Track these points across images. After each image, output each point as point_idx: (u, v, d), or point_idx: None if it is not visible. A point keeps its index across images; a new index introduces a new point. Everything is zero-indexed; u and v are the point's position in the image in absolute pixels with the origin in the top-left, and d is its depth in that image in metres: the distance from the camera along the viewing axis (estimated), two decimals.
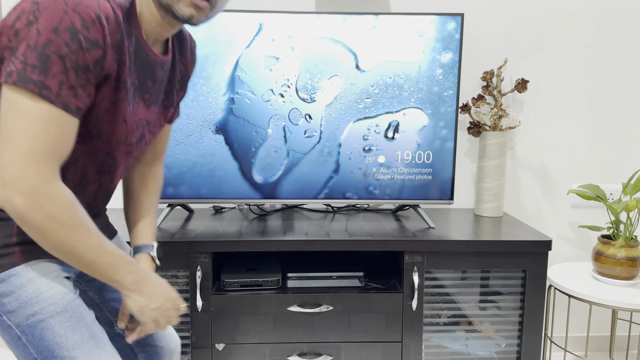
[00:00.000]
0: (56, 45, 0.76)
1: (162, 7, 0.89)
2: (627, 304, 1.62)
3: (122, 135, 0.94)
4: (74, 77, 0.79)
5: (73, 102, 0.80)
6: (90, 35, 0.79)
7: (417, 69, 1.72)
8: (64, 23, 0.76)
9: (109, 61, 0.83)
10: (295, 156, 1.75)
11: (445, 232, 1.69)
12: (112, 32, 0.82)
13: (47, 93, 0.77)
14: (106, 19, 0.81)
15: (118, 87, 0.88)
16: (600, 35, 2.04)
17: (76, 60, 0.78)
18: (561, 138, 2.10)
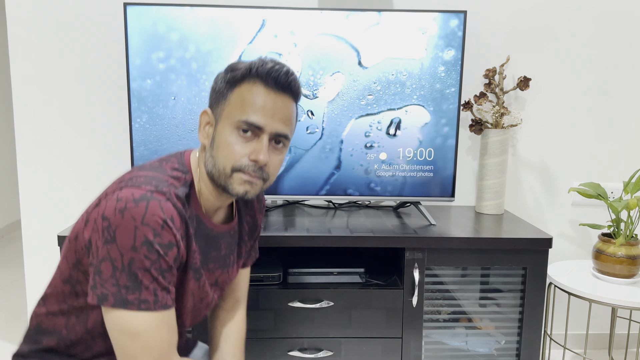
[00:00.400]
0: (139, 261, 0.83)
1: (219, 187, 0.95)
2: (626, 302, 1.63)
3: (189, 306, 1.00)
4: (163, 280, 0.86)
5: (169, 298, 0.88)
6: (164, 240, 0.85)
7: (419, 66, 1.72)
8: (139, 239, 0.82)
9: (182, 253, 0.90)
10: (297, 152, 1.75)
11: (446, 229, 1.69)
12: (178, 228, 0.88)
13: (146, 306, 0.84)
14: (172, 220, 0.86)
15: (186, 270, 0.95)
16: (602, 33, 2.04)
17: (159, 267, 0.85)
18: (563, 136, 2.11)
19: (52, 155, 2.02)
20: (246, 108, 0.91)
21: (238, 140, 0.91)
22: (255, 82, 0.92)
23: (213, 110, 0.96)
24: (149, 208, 0.83)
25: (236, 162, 0.91)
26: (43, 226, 2.05)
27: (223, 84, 0.95)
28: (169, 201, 0.87)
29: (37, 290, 2.08)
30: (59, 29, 1.95)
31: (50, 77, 1.97)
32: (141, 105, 1.71)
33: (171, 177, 0.92)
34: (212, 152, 0.94)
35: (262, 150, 0.91)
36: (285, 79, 0.92)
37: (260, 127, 0.91)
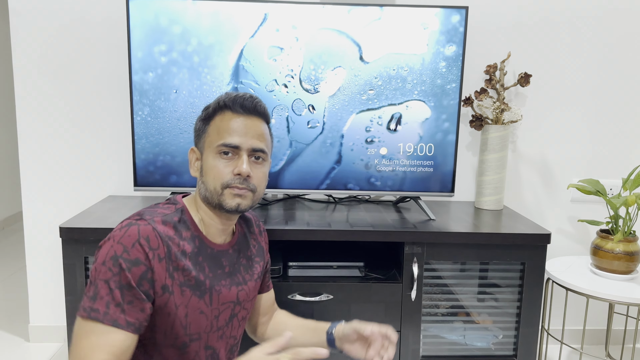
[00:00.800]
0: (102, 272, 0.90)
1: (215, 207, 1.05)
2: (624, 298, 1.64)
3: (207, 325, 1.05)
4: (119, 296, 0.90)
5: (122, 317, 0.90)
6: (131, 256, 0.92)
7: (420, 61, 1.73)
8: (109, 254, 0.91)
9: (158, 272, 0.95)
10: (298, 146, 1.76)
11: (446, 224, 1.70)
12: (155, 248, 0.95)
13: (95, 315, 0.89)
14: (146, 239, 0.94)
15: (183, 290, 1.00)
16: (604, 31, 2.04)
17: (119, 281, 0.90)
18: (563, 133, 2.11)
19: (53, 147, 2.02)
20: (222, 134, 1.04)
21: (221, 162, 1.03)
22: (225, 112, 1.06)
23: (198, 147, 1.10)
24: (128, 231, 0.94)
25: (223, 179, 1.03)
26: (44, 217, 2.06)
27: (200, 123, 1.09)
28: (149, 225, 0.96)
29: (38, 282, 2.10)
30: (61, 22, 1.95)
31: (52, 70, 1.98)
32: (143, 98, 1.71)
33: (161, 209, 1.03)
34: (203, 179, 1.06)
35: (243, 164, 1.03)
36: (250, 103, 1.06)
37: (236, 145, 1.03)
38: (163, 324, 0.99)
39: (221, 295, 1.08)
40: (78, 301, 1.58)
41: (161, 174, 1.76)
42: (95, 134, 2.03)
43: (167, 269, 0.97)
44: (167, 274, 0.97)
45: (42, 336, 2.13)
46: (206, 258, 1.06)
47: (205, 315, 1.04)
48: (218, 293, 1.07)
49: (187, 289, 1.01)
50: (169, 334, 1.01)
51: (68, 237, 1.55)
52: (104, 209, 1.79)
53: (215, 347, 1.08)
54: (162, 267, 0.96)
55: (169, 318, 0.99)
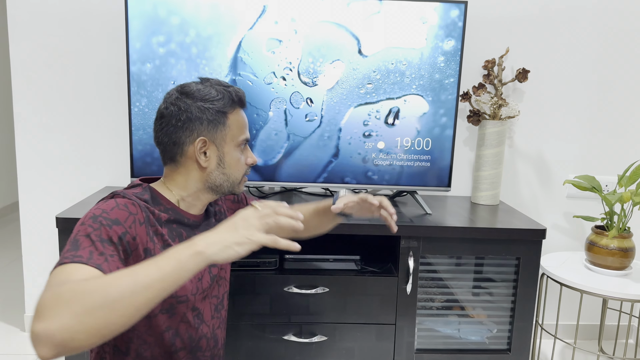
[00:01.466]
0: (83, 230, 0.90)
1: (217, 193, 1.12)
2: (617, 294, 1.65)
3: (192, 288, 1.07)
4: (101, 247, 0.88)
5: (105, 264, 0.85)
6: (111, 216, 0.93)
7: (419, 55, 1.73)
8: (87, 216, 0.92)
9: (140, 235, 0.97)
10: (295, 139, 1.76)
11: (442, 218, 1.71)
12: (134, 213, 0.97)
13: (78, 259, 0.84)
14: (124, 206, 0.96)
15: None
16: (602, 28, 2.05)
17: (99, 235, 0.89)
18: (559, 129, 2.12)
19: (50, 138, 2.02)
20: (242, 129, 1.12)
21: (240, 155, 1.12)
22: (236, 107, 1.11)
23: (209, 137, 1.08)
24: (105, 203, 0.97)
25: (244, 169, 1.14)
26: (41, 208, 2.06)
27: (214, 114, 1.08)
28: (125, 197, 1.00)
29: (34, 272, 2.10)
30: (59, 12, 1.94)
31: (49, 60, 1.97)
32: (140, 89, 1.71)
33: (129, 190, 1.06)
34: (224, 170, 1.10)
35: (253, 155, 1.16)
36: (244, 97, 1.14)
37: (249, 139, 1.16)
38: None
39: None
40: None
41: (158, 164, 1.75)
42: (92, 124, 2.03)
43: (148, 232, 0.99)
44: (148, 237, 0.98)
45: None
46: (181, 226, 1.08)
47: (190, 279, 1.06)
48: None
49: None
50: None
51: (64, 228, 1.55)
52: None
53: (200, 308, 1.11)
54: (143, 230, 0.97)
55: None
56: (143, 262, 0.80)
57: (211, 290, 1.15)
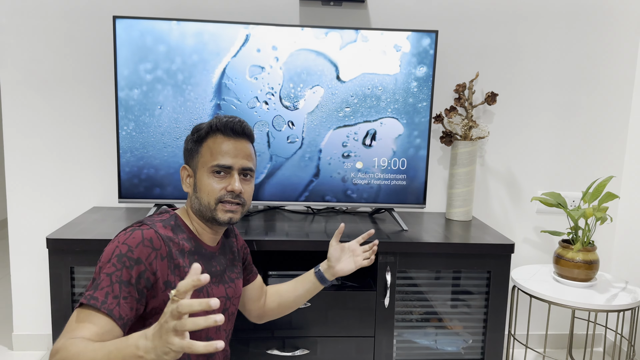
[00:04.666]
0: (107, 268, 1.00)
1: (208, 220, 1.17)
2: (583, 304, 1.75)
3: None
4: (118, 289, 0.99)
5: (116, 309, 0.98)
6: (135, 255, 1.02)
7: (394, 81, 1.83)
8: (115, 253, 1.02)
9: (160, 269, 1.05)
10: (278, 160, 1.84)
11: (418, 234, 1.80)
12: (157, 248, 1.05)
13: (94, 302, 0.96)
14: (150, 240, 1.05)
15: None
16: (565, 52, 2.18)
17: (120, 276, 0.99)
18: (528, 148, 2.24)
19: (40, 159, 2.07)
20: (215, 155, 1.16)
21: (214, 180, 1.16)
22: (217, 135, 1.17)
23: (190, 165, 1.20)
24: (132, 234, 1.05)
25: (216, 195, 1.15)
26: (30, 228, 2.10)
27: (192, 143, 1.19)
28: (151, 229, 1.07)
29: (23, 291, 2.13)
30: (49, 39, 2.01)
31: (39, 85, 2.03)
32: (128, 114, 1.78)
33: (157, 217, 1.16)
34: (197, 194, 1.17)
35: (235, 182, 1.16)
36: (239, 126, 1.17)
37: (229, 166, 1.16)
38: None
39: (214, 292, 1.19)
40: (64, 310, 1.64)
41: (145, 186, 1.82)
42: (81, 146, 2.09)
43: (169, 266, 1.07)
44: (169, 271, 1.07)
45: (25, 345, 2.16)
46: (201, 257, 1.17)
47: (204, 312, 1.12)
48: (211, 290, 1.18)
49: None
50: None
51: (55, 248, 1.60)
52: (90, 220, 1.85)
53: (212, 337, 1.19)
54: (164, 264, 1.06)
55: None
56: (109, 344, 0.87)
57: (223, 325, 1.23)
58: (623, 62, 2.21)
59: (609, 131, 2.26)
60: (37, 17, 1.99)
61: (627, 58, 2.21)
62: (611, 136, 2.26)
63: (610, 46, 2.19)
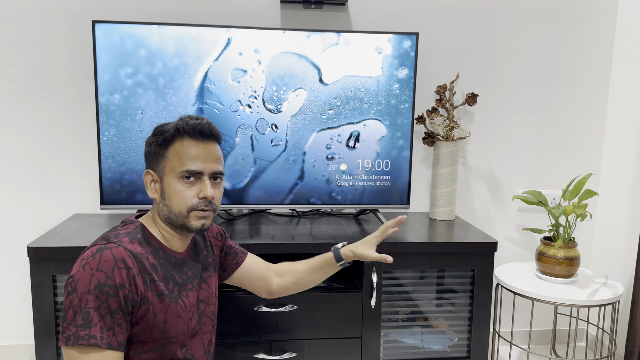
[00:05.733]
0: (91, 301, 0.97)
1: (178, 227, 1.13)
2: (566, 300, 1.78)
3: (183, 327, 1.13)
4: (110, 321, 0.98)
5: (114, 340, 0.99)
6: (115, 281, 0.99)
7: (376, 83, 1.85)
8: (92, 283, 0.98)
9: (139, 287, 1.03)
10: (262, 164, 1.84)
11: (402, 234, 1.82)
12: (130, 266, 1.02)
13: (94, 341, 0.96)
14: (122, 261, 1.01)
15: (162, 298, 1.08)
16: (542, 52, 2.23)
17: (107, 307, 0.98)
18: (508, 147, 2.28)
19: (17, 166, 2.04)
20: (184, 160, 1.09)
21: (184, 187, 1.10)
22: (184, 138, 1.10)
23: (154, 169, 1.14)
24: (102, 257, 1.00)
25: (188, 203, 1.10)
26: (9, 236, 2.06)
27: (156, 147, 1.13)
28: (120, 247, 1.03)
29: (3, 301, 2.09)
30: (25, 43, 1.98)
31: (17, 91, 2.00)
32: (109, 119, 1.76)
33: (121, 230, 1.10)
34: (165, 202, 1.12)
35: (207, 188, 1.11)
36: (207, 129, 1.11)
37: (199, 171, 1.10)
38: (142, 333, 1.06)
39: (189, 299, 1.16)
40: (46, 319, 1.61)
41: (127, 192, 1.80)
42: (60, 153, 2.05)
43: (144, 282, 1.05)
44: (145, 286, 1.05)
45: (6, 356, 2.12)
46: (172, 267, 1.14)
47: (182, 319, 1.12)
48: (187, 297, 1.16)
49: (165, 297, 1.08)
50: (147, 341, 1.07)
51: (36, 257, 1.58)
52: (71, 228, 1.82)
53: (188, 345, 1.16)
54: (140, 280, 1.03)
55: (147, 326, 1.06)
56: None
57: (201, 327, 1.20)
58: (599, 60, 2.26)
59: (587, 129, 2.30)
60: (13, 21, 1.96)
61: (602, 56, 2.26)
62: (589, 134, 2.31)
63: (586, 44, 2.24)
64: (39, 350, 1.62)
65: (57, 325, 1.63)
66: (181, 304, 1.13)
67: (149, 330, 1.06)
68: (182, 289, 1.15)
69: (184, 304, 1.14)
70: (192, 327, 1.17)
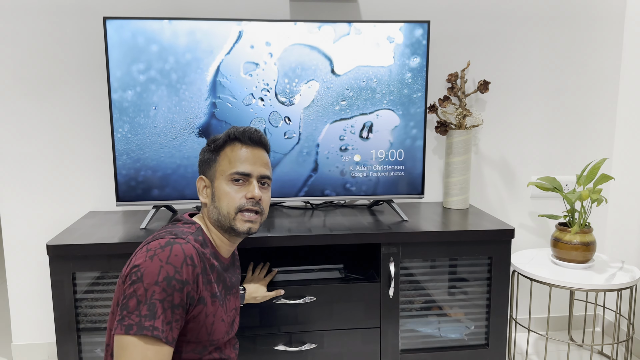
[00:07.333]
0: (157, 293, 0.98)
1: (226, 231, 1.18)
2: (583, 285, 1.78)
3: (224, 332, 1.17)
4: (170, 315, 1.00)
5: (170, 335, 1.00)
6: (183, 276, 1.01)
7: (388, 72, 1.84)
8: (161, 275, 0.99)
9: (199, 286, 1.05)
10: (275, 157, 1.84)
11: (418, 224, 1.82)
12: (197, 264, 1.05)
13: (157, 333, 0.97)
14: (191, 258, 1.04)
15: (214, 300, 1.11)
16: (554, 38, 2.21)
17: (171, 301, 0.99)
18: (521, 134, 2.27)
19: (32, 165, 2.04)
20: (234, 163, 1.16)
21: (233, 189, 1.16)
22: (235, 144, 1.18)
23: (206, 175, 1.21)
24: (172, 250, 1.02)
25: (236, 203, 1.15)
26: (25, 234, 2.07)
27: (209, 153, 1.20)
28: (189, 243, 1.06)
29: (20, 300, 2.10)
30: (36, 42, 1.98)
31: (30, 91, 2.00)
32: (123, 116, 1.76)
33: (185, 228, 1.14)
34: (215, 204, 1.17)
35: (254, 189, 1.16)
36: (257, 135, 1.19)
37: (248, 173, 1.16)
38: (190, 333, 1.08)
39: (229, 304, 1.21)
40: (67, 317, 1.61)
41: (143, 188, 1.80)
42: (74, 151, 2.06)
43: (204, 282, 1.08)
44: (204, 286, 1.07)
45: (25, 355, 2.13)
46: (221, 271, 1.18)
47: (224, 323, 1.16)
48: (228, 301, 1.20)
49: (216, 299, 1.12)
50: (192, 341, 1.09)
51: (55, 254, 1.58)
52: (88, 225, 1.82)
53: (223, 349, 1.20)
54: (201, 280, 1.06)
55: (197, 326, 1.08)
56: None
57: (233, 333, 1.26)
58: (610, 45, 2.25)
59: (599, 114, 2.29)
60: (24, 21, 1.96)
61: (613, 40, 2.24)
62: (601, 119, 2.30)
63: (597, 29, 2.23)
64: (60, 348, 1.63)
65: (78, 322, 1.64)
66: (224, 307, 1.17)
67: (198, 330, 1.09)
68: (228, 293, 1.20)
69: (226, 309, 1.18)
70: (229, 332, 1.20)
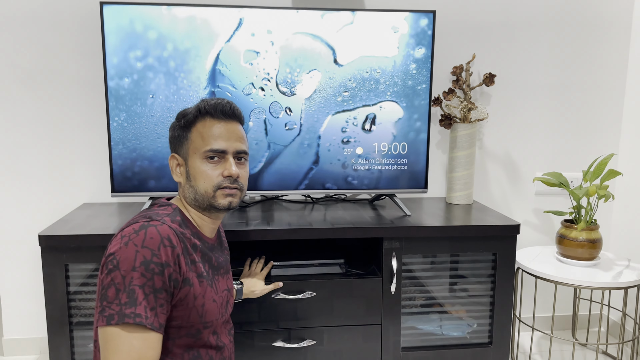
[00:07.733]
0: (136, 279, 0.93)
1: (205, 209, 1.12)
2: (589, 283, 1.74)
3: (217, 313, 1.12)
4: (153, 300, 0.95)
5: (156, 320, 0.95)
6: (161, 259, 0.96)
7: (392, 63, 1.79)
8: (138, 260, 0.94)
9: (182, 267, 1.01)
10: (276, 148, 1.79)
11: (421, 219, 1.77)
12: (175, 244, 1.00)
13: (139, 320, 0.93)
14: (168, 239, 0.99)
15: (201, 280, 1.07)
16: (561, 33, 2.17)
17: (152, 285, 0.95)
18: (526, 129, 2.22)
19: (25, 154, 1.99)
20: (207, 140, 1.09)
21: (209, 167, 1.09)
22: (206, 118, 1.11)
23: (178, 153, 1.14)
24: (147, 234, 0.97)
25: (214, 181, 1.09)
26: (17, 226, 2.02)
27: (180, 130, 1.13)
28: (164, 224, 1.01)
29: (11, 294, 2.05)
30: (30, 29, 1.93)
31: (24, 77, 1.95)
32: (119, 104, 1.71)
33: (161, 210, 1.09)
34: (191, 183, 1.11)
35: (231, 166, 1.10)
36: (229, 108, 1.12)
37: (223, 150, 1.10)
38: (180, 317, 1.03)
39: (219, 284, 1.15)
40: (59, 310, 1.57)
41: (139, 179, 1.76)
42: (69, 140, 2.01)
43: (187, 262, 1.03)
44: (187, 267, 1.02)
45: (16, 350, 2.08)
46: (206, 251, 1.13)
47: (216, 304, 1.11)
48: (217, 282, 1.15)
49: (203, 279, 1.07)
50: (184, 326, 1.05)
51: (48, 245, 1.53)
52: (82, 216, 1.78)
53: (218, 332, 1.16)
54: (183, 260, 1.01)
55: (186, 309, 1.03)
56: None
57: (227, 315, 1.21)
58: (617, 40, 2.20)
59: (605, 109, 2.25)
60: (17, 5, 1.91)
61: (621, 34, 2.20)
62: (607, 115, 2.25)
63: (604, 23, 2.18)
64: (52, 342, 1.58)
65: (71, 316, 1.59)
66: (215, 288, 1.12)
67: (188, 313, 1.04)
68: (216, 273, 1.15)
69: (217, 289, 1.13)
70: (223, 314, 1.16)
